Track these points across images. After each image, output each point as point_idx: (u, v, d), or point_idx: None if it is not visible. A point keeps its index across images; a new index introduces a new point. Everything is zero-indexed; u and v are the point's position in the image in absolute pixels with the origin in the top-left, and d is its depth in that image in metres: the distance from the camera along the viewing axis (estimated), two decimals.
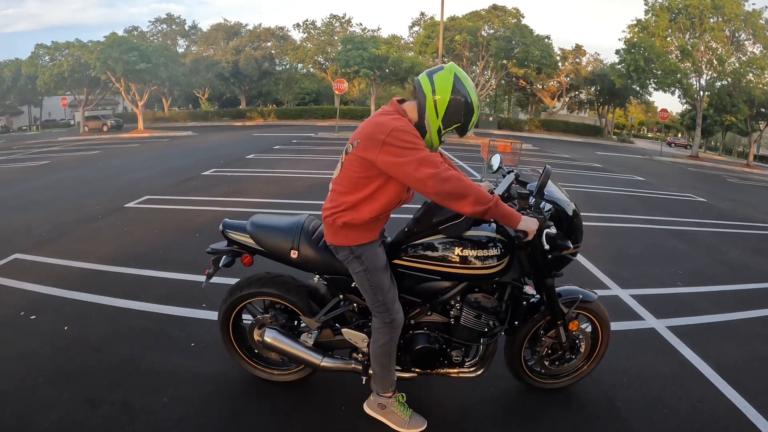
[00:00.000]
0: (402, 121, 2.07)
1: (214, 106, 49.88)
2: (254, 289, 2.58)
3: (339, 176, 2.22)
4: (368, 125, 2.12)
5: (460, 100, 2.11)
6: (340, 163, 2.23)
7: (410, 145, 2.00)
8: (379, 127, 2.05)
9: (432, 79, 2.12)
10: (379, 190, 2.14)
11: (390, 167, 2.02)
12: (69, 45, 31.26)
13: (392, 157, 2.00)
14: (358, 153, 2.10)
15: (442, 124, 2.14)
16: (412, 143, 2.00)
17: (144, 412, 2.53)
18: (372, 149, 2.03)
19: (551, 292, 2.53)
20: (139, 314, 3.65)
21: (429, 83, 2.12)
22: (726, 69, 27.40)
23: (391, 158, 2.00)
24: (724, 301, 4.58)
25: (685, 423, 2.69)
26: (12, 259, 4.85)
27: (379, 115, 2.14)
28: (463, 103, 2.11)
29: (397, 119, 2.07)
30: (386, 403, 2.46)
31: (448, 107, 2.10)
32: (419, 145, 2.02)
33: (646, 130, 73.46)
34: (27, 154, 17.51)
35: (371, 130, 2.07)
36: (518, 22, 36.14)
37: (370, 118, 2.18)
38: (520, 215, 2.13)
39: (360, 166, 2.11)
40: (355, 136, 2.15)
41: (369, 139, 2.06)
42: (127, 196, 8.04)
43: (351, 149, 2.14)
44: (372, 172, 2.10)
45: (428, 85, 2.12)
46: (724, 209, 10.18)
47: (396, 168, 2.01)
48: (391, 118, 2.08)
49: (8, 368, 2.90)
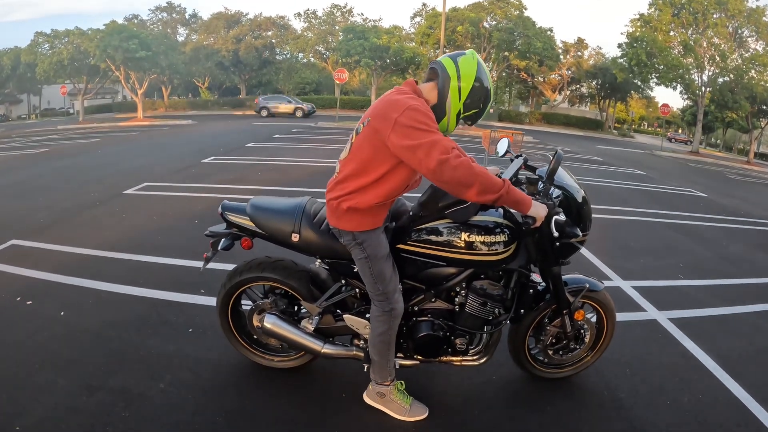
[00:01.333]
0: (418, 101, 2.00)
1: (214, 95, 49.64)
2: (254, 274, 2.53)
3: (348, 157, 2.15)
4: (381, 103, 2.05)
5: (482, 87, 2.10)
6: (350, 143, 2.17)
7: (423, 126, 1.92)
8: (393, 104, 1.98)
9: (456, 63, 2.08)
10: (387, 175, 2.07)
11: (400, 150, 1.94)
12: (68, 33, 30.93)
13: (403, 138, 1.91)
14: (369, 131, 2.04)
15: (463, 108, 2.11)
16: (425, 124, 1.92)
17: (141, 398, 2.50)
18: (384, 127, 1.96)
19: (558, 281, 2.48)
20: (137, 300, 3.61)
21: (454, 66, 2.08)
22: (728, 65, 27.29)
23: (403, 140, 1.92)
24: (725, 295, 4.57)
25: (687, 414, 2.67)
26: (9, 245, 4.80)
27: (394, 94, 2.07)
28: (484, 90, 2.11)
29: (412, 98, 2.01)
30: (385, 391, 2.43)
31: (471, 92, 2.08)
32: (432, 127, 1.94)
33: (647, 125, 73.30)
34: (26, 142, 17.39)
35: (384, 108, 2.01)
36: (521, 14, 35.95)
37: (383, 96, 2.11)
38: (530, 200, 2.06)
39: (370, 148, 2.04)
40: (367, 114, 2.09)
41: (381, 117, 1.99)
42: (126, 183, 7.97)
43: (362, 128, 2.09)
44: (382, 154, 2.02)
45: (453, 68, 2.08)
46: (725, 204, 10.14)
47: (406, 151, 1.93)
48: (406, 96, 2.02)
49: (4, 354, 2.86)
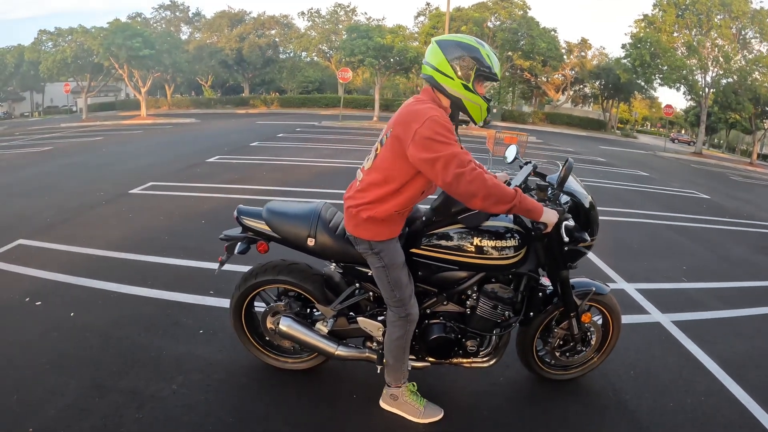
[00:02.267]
0: (438, 111, 2.04)
1: (217, 93, 49.72)
2: (269, 277, 2.56)
3: (371, 167, 2.20)
4: (403, 113, 2.11)
5: (457, 51, 2.09)
6: (374, 153, 2.22)
7: (442, 138, 1.97)
8: (415, 115, 2.03)
9: (427, 62, 2.14)
10: (407, 184, 2.13)
11: (418, 161, 2.01)
12: (72, 31, 30.96)
13: (422, 150, 1.97)
14: (392, 141, 2.10)
15: (464, 80, 2.10)
16: (444, 136, 1.98)
17: (153, 399, 2.52)
18: (405, 137, 2.01)
19: (566, 284, 2.53)
20: (146, 301, 3.64)
21: (428, 67, 2.13)
22: (732, 66, 27.24)
23: (421, 152, 1.97)
24: (728, 298, 4.60)
25: (690, 416, 2.71)
26: (16, 244, 4.83)
27: (415, 104, 2.12)
28: (460, 50, 2.09)
29: (432, 108, 2.05)
30: (398, 393, 2.47)
31: (453, 66, 2.09)
32: (451, 139, 2.00)
33: (650, 126, 73.17)
34: (29, 140, 17.46)
35: (406, 117, 2.06)
36: (524, 14, 35.91)
37: (405, 106, 2.16)
38: (542, 207, 2.13)
39: (393, 158, 2.10)
40: (390, 124, 2.14)
41: (403, 126, 2.04)
42: (131, 183, 8.01)
43: (386, 139, 2.14)
44: (403, 164, 2.08)
45: (428, 68, 2.13)
46: (728, 207, 10.15)
47: (424, 163, 1.99)
48: (427, 106, 2.06)
49: (14, 355, 2.89)
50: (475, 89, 2.12)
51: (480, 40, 2.16)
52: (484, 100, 2.16)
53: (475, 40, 2.14)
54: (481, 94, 2.15)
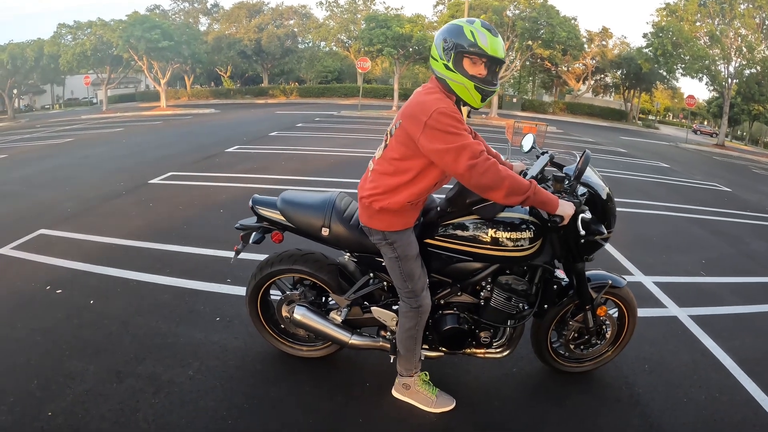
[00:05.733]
0: (445, 102, 2.02)
1: (237, 83, 49.93)
2: (285, 266, 2.59)
3: (382, 157, 2.21)
4: (411, 105, 2.09)
5: (444, 35, 2.07)
6: (384, 143, 2.22)
7: (452, 129, 1.96)
8: (422, 106, 2.02)
9: (432, 56, 2.13)
10: (419, 175, 2.13)
11: (430, 152, 2.00)
12: (91, 24, 31.32)
13: (433, 141, 1.97)
14: (401, 133, 2.09)
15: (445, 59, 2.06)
16: (453, 127, 1.96)
17: (170, 384, 2.59)
18: (415, 130, 2.01)
19: (581, 277, 2.51)
20: (164, 288, 3.71)
21: (432, 59, 2.13)
22: (755, 57, 26.44)
23: (432, 143, 1.97)
24: (747, 293, 4.51)
25: (703, 412, 2.68)
26: (38, 234, 4.95)
27: (423, 94, 2.09)
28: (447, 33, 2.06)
29: (439, 99, 2.03)
30: (410, 382, 2.49)
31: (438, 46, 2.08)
32: (461, 129, 1.98)
33: (672, 116, 71.72)
34: (51, 132, 17.80)
35: (414, 109, 2.04)
36: (544, 3, 35.26)
37: (412, 97, 2.14)
38: (557, 200, 2.10)
39: (403, 148, 2.10)
40: (399, 115, 2.13)
41: (412, 118, 2.03)
42: (151, 173, 8.13)
43: (395, 129, 2.13)
44: (414, 155, 2.08)
45: (434, 61, 2.12)
46: (750, 200, 9.92)
47: (435, 154, 1.99)
48: (434, 98, 2.04)
49: (35, 341, 2.97)
50: (456, 68, 2.04)
51: (473, 18, 2.09)
52: (469, 78, 2.04)
53: (466, 19, 2.06)
54: (471, 74, 2.05)
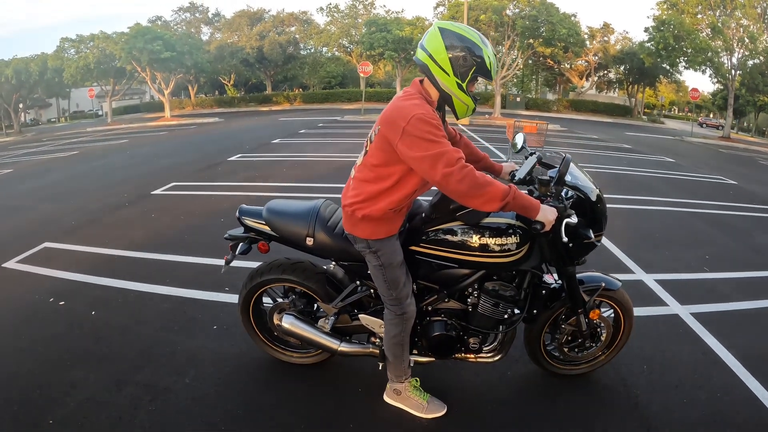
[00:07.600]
0: (423, 108, 2.00)
1: (240, 92, 50.22)
2: (273, 275, 2.61)
3: (362, 164, 2.20)
4: (390, 110, 2.07)
5: (460, 49, 2.00)
6: (365, 150, 2.21)
7: (429, 135, 1.94)
8: (400, 112, 2.00)
9: (424, 47, 2.07)
10: (400, 181, 2.11)
11: (408, 159, 2.00)
12: (93, 37, 31.57)
13: (410, 149, 1.95)
14: (380, 139, 2.07)
15: (461, 78, 2.05)
16: (431, 134, 1.94)
17: (167, 392, 2.62)
18: (393, 136, 1.99)
19: (572, 281, 2.47)
20: (164, 298, 3.75)
21: (424, 52, 2.06)
22: (758, 47, 26.18)
23: (410, 150, 1.96)
24: (752, 289, 4.42)
25: (703, 413, 2.62)
26: (42, 247, 5.02)
27: (401, 99, 2.07)
28: (464, 49, 2.01)
29: (418, 105, 2.01)
30: (401, 388, 2.49)
31: (452, 62, 2.02)
32: (438, 136, 1.96)
33: (677, 110, 71.22)
34: (57, 146, 18.00)
35: (393, 115, 2.02)
36: (544, 0, 35.20)
37: (392, 102, 2.12)
38: (538, 204, 2.06)
39: (382, 155, 2.08)
40: (379, 121, 2.11)
41: (391, 124, 2.01)
42: (154, 184, 8.21)
43: (375, 136, 2.12)
44: (394, 161, 2.07)
45: (424, 54, 2.06)
46: (756, 193, 9.79)
47: (413, 162, 1.98)
48: (412, 103, 2.02)
49: (38, 351, 3.03)
50: (467, 90, 2.08)
51: (483, 37, 2.07)
52: (473, 100, 2.11)
53: (479, 37, 2.04)
54: (472, 92, 2.09)
